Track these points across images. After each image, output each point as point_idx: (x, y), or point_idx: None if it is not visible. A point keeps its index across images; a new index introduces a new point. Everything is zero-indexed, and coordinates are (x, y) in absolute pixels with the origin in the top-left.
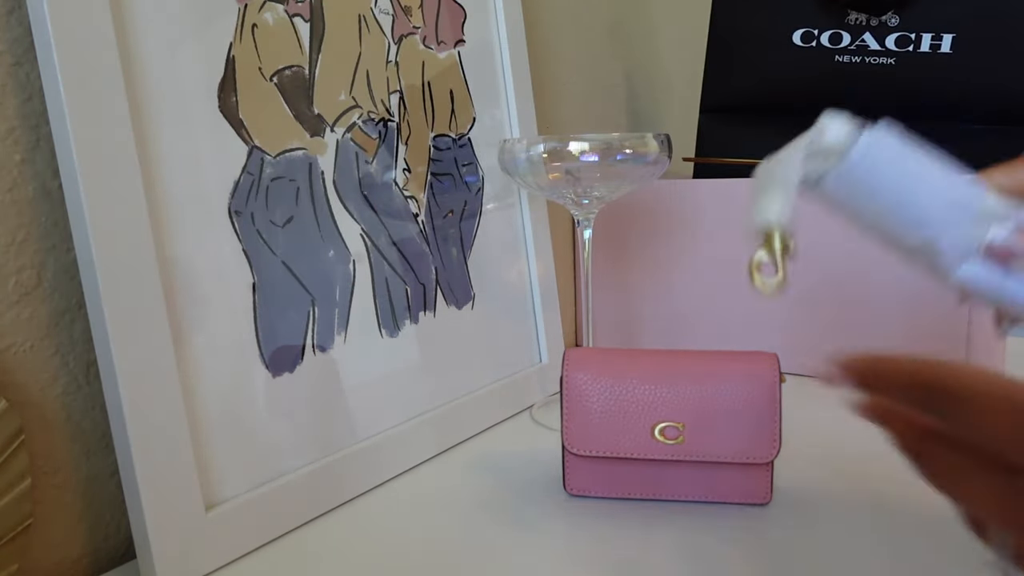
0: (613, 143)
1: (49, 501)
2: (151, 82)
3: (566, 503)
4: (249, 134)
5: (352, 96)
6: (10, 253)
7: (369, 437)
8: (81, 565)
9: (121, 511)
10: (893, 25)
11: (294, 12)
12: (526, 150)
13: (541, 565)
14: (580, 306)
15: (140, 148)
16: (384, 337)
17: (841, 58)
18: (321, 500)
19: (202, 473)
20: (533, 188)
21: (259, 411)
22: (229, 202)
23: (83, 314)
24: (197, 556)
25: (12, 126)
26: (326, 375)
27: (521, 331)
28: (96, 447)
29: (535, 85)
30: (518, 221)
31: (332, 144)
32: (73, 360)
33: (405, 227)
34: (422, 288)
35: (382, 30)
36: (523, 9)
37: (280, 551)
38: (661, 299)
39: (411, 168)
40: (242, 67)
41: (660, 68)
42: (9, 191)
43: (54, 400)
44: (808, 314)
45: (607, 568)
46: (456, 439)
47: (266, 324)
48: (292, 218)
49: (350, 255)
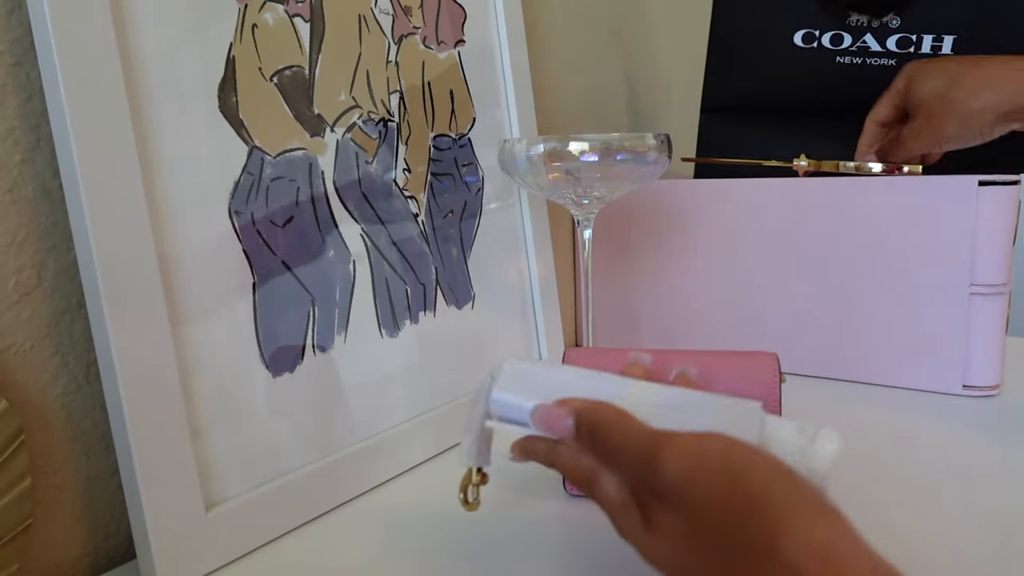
0: (613, 143)
1: (49, 501)
2: (151, 82)
3: (566, 503)
4: (249, 134)
5: (352, 96)
6: (10, 253)
7: (369, 437)
8: (81, 565)
9: (121, 511)
10: (894, 26)
11: (294, 12)
12: (526, 150)
13: (541, 565)
14: (580, 306)
15: (140, 148)
16: (384, 337)
17: (842, 59)
18: (321, 500)
19: (202, 473)
20: (533, 188)
21: (259, 411)
22: (229, 202)
23: (83, 314)
24: (197, 556)
25: (12, 126)
26: (326, 375)
27: (521, 331)
28: (96, 447)
29: (535, 85)
30: (518, 221)
31: (332, 144)
32: (73, 360)
33: (405, 227)
34: (422, 288)
35: (382, 30)
36: (523, 9)
37: (280, 551)
38: (661, 299)
39: (411, 168)
40: (242, 67)
41: (660, 68)
42: (9, 191)
43: (54, 400)
44: (808, 314)
45: (607, 568)
46: (456, 439)
47: (266, 324)
48: (292, 218)
49: (350, 255)
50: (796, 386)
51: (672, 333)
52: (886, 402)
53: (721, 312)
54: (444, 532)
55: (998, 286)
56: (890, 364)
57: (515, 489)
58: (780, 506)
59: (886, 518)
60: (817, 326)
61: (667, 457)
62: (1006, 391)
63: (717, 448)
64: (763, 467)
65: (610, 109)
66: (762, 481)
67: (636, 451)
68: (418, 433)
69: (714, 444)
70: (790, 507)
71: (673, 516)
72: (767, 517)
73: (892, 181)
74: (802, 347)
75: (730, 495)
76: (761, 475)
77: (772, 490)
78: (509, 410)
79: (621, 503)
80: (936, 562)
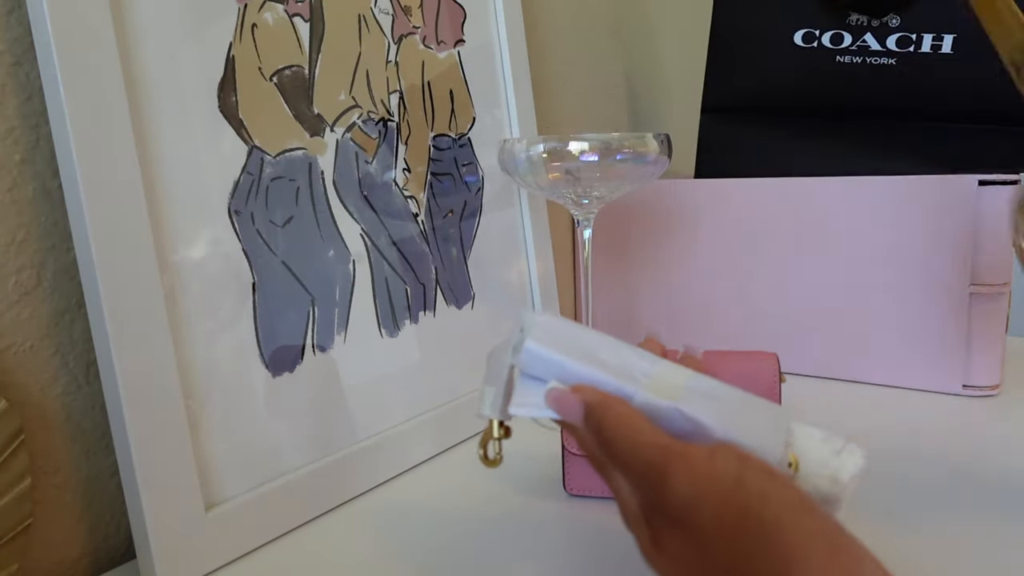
0: (613, 143)
1: (49, 501)
2: (151, 82)
3: (566, 503)
4: (249, 134)
5: (352, 96)
6: (10, 253)
7: (369, 437)
8: (81, 565)
9: (121, 511)
10: (894, 26)
11: (294, 12)
12: (526, 150)
13: (541, 565)
14: (580, 306)
15: (140, 148)
16: (384, 337)
17: (842, 58)
18: (321, 500)
19: (202, 473)
20: (533, 188)
21: (259, 411)
22: (229, 202)
23: (83, 314)
24: (197, 556)
25: (12, 126)
26: (326, 375)
27: None
28: (96, 447)
29: (535, 85)
30: (518, 221)
31: (332, 144)
32: (73, 360)
33: (405, 227)
34: (422, 288)
35: (382, 30)
36: (523, 9)
37: (280, 551)
38: (661, 299)
39: (411, 168)
40: (242, 67)
41: (660, 68)
42: (9, 191)
43: (54, 400)
44: (808, 314)
45: (607, 568)
46: (456, 439)
47: (266, 324)
48: (292, 218)
49: (350, 255)
50: (796, 386)
51: (672, 333)
52: (886, 402)
53: (721, 312)
54: (444, 532)
55: (998, 286)
56: (890, 364)
57: (515, 489)
58: (794, 537)
59: (886, 518)
60: (817, 326)
61: (677, 477)
62: (1006, 391)
63: (731, 471)
64: (778, 495)
65: (610, 109)
66: (776, 510)
67: (644, 464)
68: (418, 433)
69: (727, 466)
70: (805, 539)
71: (681, 540)
72: (780, 549)
73: (892, 181)
74: (802, 347)
75: (742, 523)
76: (776, 504)
77: (786, 520)
78: (539, 364)
79: (631, 510)
80: (936, 562)
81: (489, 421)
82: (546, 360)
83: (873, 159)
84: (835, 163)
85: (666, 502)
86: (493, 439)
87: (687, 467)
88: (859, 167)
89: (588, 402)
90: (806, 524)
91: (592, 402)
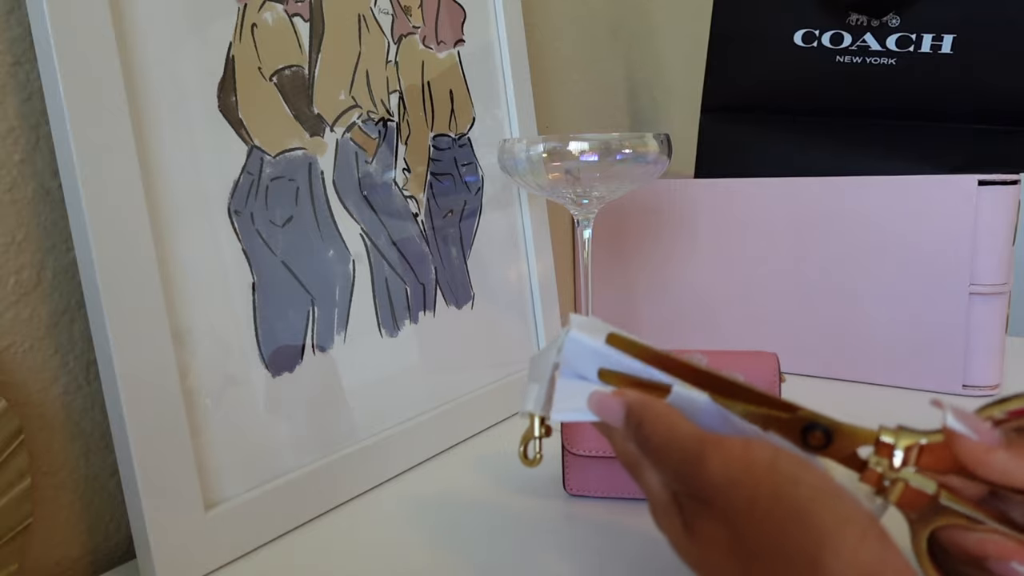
0: (613, 143)
1: (49, 501)
2: (151, 82)
3: (566, 503)
4: (249, 134)
5: (352, 96)
6: (10, 253)
7: (369, 437)
8: (81, 565)
9: (121, 511)
10: (894, 26)
11: (294, 12)
12: (526, 150)
13: (541, 565)
14: (580, 306)
15: (140, 148)
16: (384, 337)
17: (842, 58)
18: (321, 500)
19: (202, 473)
20: (533, 188)
21: (259, 411)
22: (229, 202)
23: (83, 314)
24: (197, 556)
25: (12, 126)
26: (326, 375)
27: (521, 331)
28: (96, 447)
29: (535, 85)
30: (518, 221)
31: (332, 144)
32: (73, 360)
33: (405, 227)
34: (422, 288)
35: (382, 30)
36: (523, 9)
37: (280, 551)
38: (661, 299)
39: (411, 168)
40: (242, 67)
41: (660, 68)
42: (9, 191)
43: (54, 400)
44: (808, 314)
45: (607, 568)
46: (456, 439)
47: (266, 324)
48: (292, 218)
49: (350, 255)
50: (796, 386)
51: (672, 333)
52: (886, 402)
53: (721, 312)
54: (444, 532)
55: (998, 286)
56: (890, 364)
57: (515, 489)
58: (826, 521)
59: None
60: (817, 326)
61: (712, 461)
62: (1006, 391)
63: (764, 457)
64: (810, 480)
65: (610, 109)
66: (809, 494)
67: (680, 451)
68: (418, 433)
69: (761, 452)
70: (837, 523)
71: (714, 524)
72: (812, 531)
73: (892, 181)
74: (802, 347)
75: (774, 506)
76: (808, 488)
77: (818, 503)
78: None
79: (663, 502)
80: None
81: (530, 419)
82: (589, 348)
83: (873, 159)
84: (835, 163)
85: (701, 487)
86: (534, 438)
87: (722, 453)
88: (859, 167)
89: (629, 403)
90: (838, 509)
91: (633, 401)
